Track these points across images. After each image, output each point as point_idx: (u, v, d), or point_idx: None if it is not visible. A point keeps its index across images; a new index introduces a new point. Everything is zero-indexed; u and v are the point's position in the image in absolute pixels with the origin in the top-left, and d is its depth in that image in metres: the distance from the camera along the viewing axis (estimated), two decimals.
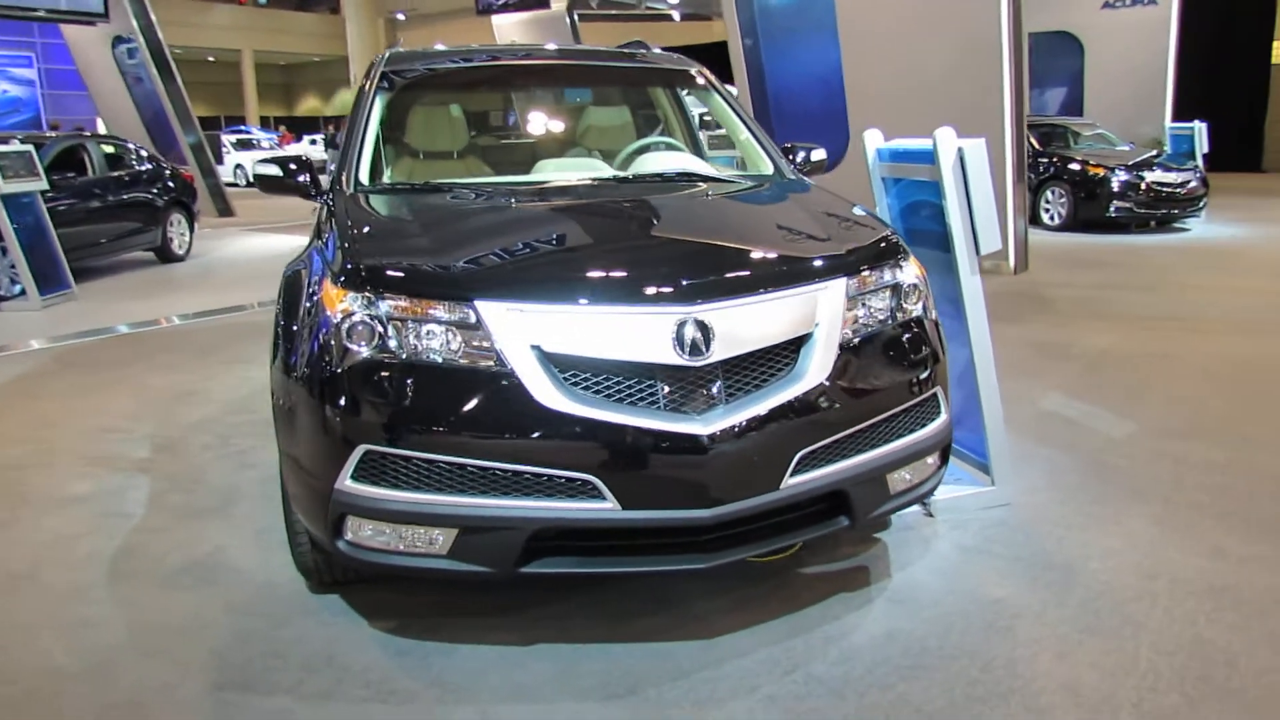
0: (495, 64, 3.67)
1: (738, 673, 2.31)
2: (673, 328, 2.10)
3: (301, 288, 2.46)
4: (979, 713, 2.13)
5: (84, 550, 3.05)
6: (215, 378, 5.20)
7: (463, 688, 2.26)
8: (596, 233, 2.54)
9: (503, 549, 2.11)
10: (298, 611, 2.62)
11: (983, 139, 2.93)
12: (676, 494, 2.08)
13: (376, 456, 2.09)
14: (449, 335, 2.11)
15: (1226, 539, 2.96)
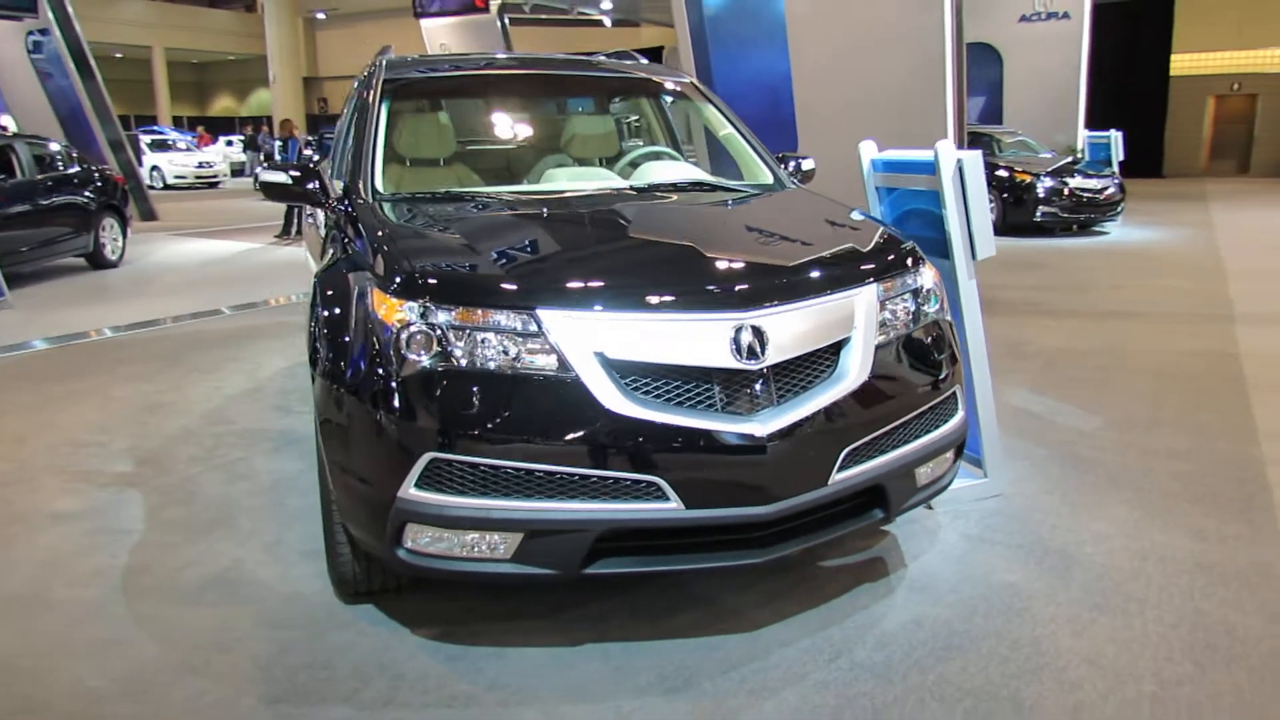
0: (498, 73, 3.69)
1: (785, 662, 2.40)
2: (730, 333, 2.18)
3: (342, 298, 2.45)
4: (1016, 688, 2.27)
5: (89, 568, 2.96)
6: (183, 388, 5.06)
7: (522, 689, 2.29)
8: (641, 241, 2.60)
9: (569, 551, 2.15)
10: (334, 622, 2.61)
11: (979, 151, 3.09)
12: (737, 492, 2.16)
13: (442, 464, 2.11)
14: (510, 343, 2.15)
15: (1204, 521, 3.19)
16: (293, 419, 4.48)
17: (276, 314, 7.29)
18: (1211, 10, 23.36)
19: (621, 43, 28.89)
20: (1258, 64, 23.77)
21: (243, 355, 5.81)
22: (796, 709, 2.21)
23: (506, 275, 2.27)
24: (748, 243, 2.61)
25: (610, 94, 4.03)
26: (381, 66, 3.58)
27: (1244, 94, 24.11)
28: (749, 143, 3.64)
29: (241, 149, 31.31)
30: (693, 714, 2.20)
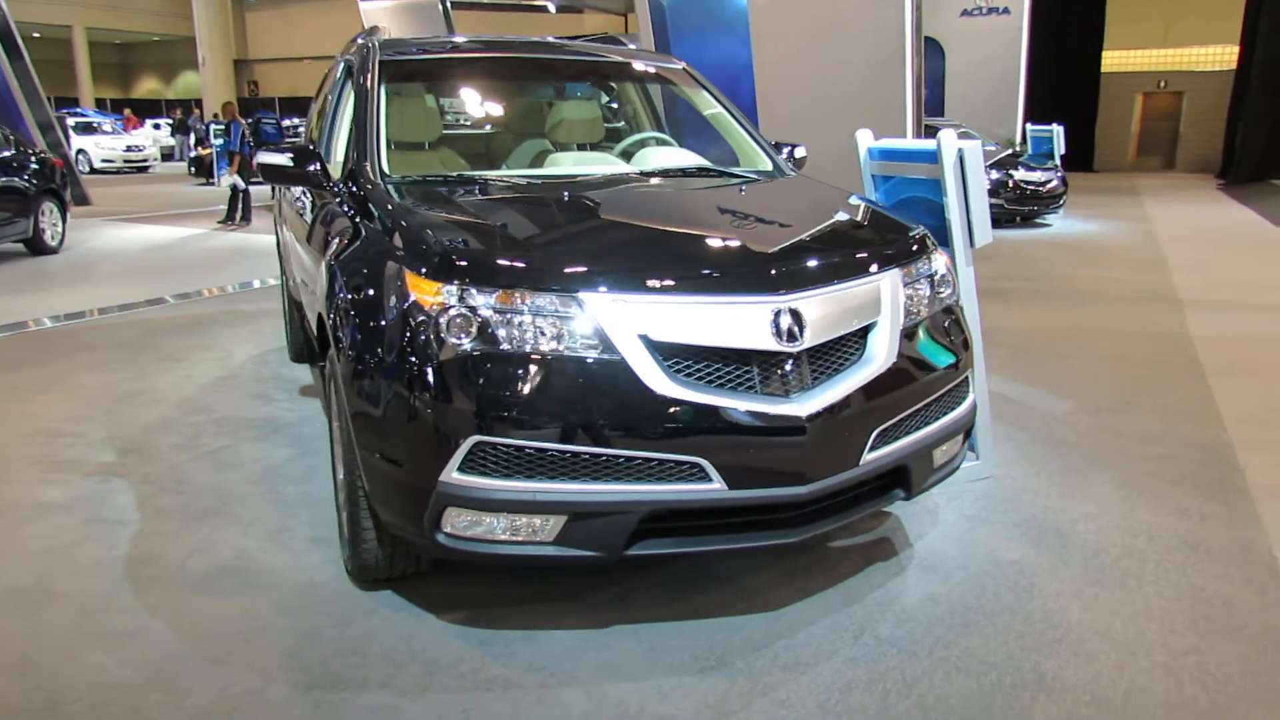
0: (497, 56, 3.65)
1: (811, 640, 2.46)
2: (770, 315, 2.21)
3: (367, 282, 2.41)
4: (1037, 661, 2.36)
5: (88, 559, 2.86)
6: (151, 376, 4.90)
7: (560, 671, 2.30)
8: (672, 225, 2.62)
9: (614, 533, 2.17)
10: (357, 609, 2.58)
11: (979, 141, 3.18)
12: (777, 473, 2.20)
13: (487, 447, 2.11)
14: (553, 325, 2.15)
15: (1184, 500, 3.35)
16: (273, 407, 4.39)
17: (234, 301, 7.10)
18: (1140, 9, 24.23)
19: (565, 29, 28.67)
20: (1184, 62, 24.76)
21: (209, 343, 5.65)
22: (830, 684, 2.26)
23: (547, 258, 2.27)
24: (774, 227, 2.65)
25: (608, 78, 4.02)
26: (376, 47, 3.51)
27: (1170, 91, 25.09)
28: (745, 129, 3.68)
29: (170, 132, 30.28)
30: (730, 691, 2.24)
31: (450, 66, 3.61)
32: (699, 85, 3.87)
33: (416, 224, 2.46)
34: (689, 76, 3.89)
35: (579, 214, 2.70)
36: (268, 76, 37.52)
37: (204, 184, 18.82)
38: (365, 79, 3.32)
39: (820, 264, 2.39)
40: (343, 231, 2.84)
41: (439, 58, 3.60)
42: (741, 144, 3.65)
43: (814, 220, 2.73)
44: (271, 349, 5.51)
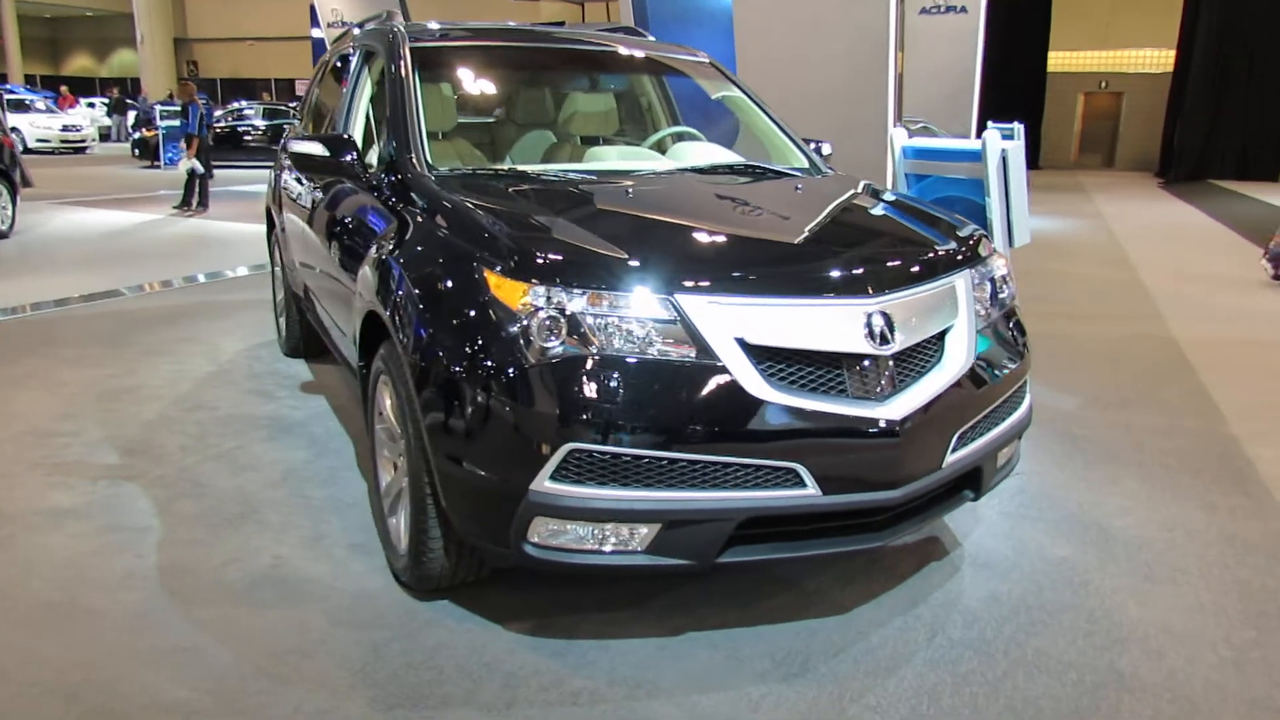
0: (529, 46, 3.54)
1: (886, 642, 2.44)
2: (863, 318, 2.18)
3: (437, 280, 2.31)
4: (1111, 659, 2.39)
5: (118, 570, 2.71)
6: (139, 371, 4.68)
7: (643, 681, 2.25)
8: (748, 224, 2.56)
9: (708, 541, 2.12)
10: (417, 620, 2.48)
11: (1020, 142, 3.20)
12: (869, 477, 2.18)
13: (582, 454, 2.03)
14: (647, 328, 2.08)
15: (1208, 494, 3.43)
16: (277, 404, 4.22)
17: (210, 291, 6.83)
18: (1082, 11, 24.89)
19: (522, 15, 28.30)
20: (1123, 63, 25.53)
21: (192, 335, 5.42)
22: (916, 688, 2.25)
23: (637, 257, 2.19)
24: (847, 227, 2.62)
25: (637, 71, 3.94)
26: (403, 33, 3.37)
27: (1111, 92, 25.86)
28: (778, 125, 3.64)
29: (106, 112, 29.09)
30: (820, 698, 2.21)
31: (482, 56, 3.49)
32: (727, 80, 3.81)
33: (491, 220, 2.36)
34: (716, 71, 3.84)
35: (651, 212, 2.62)
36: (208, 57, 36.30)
37: (149, 167, 18.12)
38: (396, 67, 3.18)
39: (903, 265, 2.36)
40: (390, 226, 2.72)
41: (471, 46, 3.48)
42: (775, 140, 3.61)
43: (881, 220, 2.71)
44: (260, 342, 5.31)
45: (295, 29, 32.11)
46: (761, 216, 2.64)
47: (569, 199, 2.68)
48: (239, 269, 7.75)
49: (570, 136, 3.45)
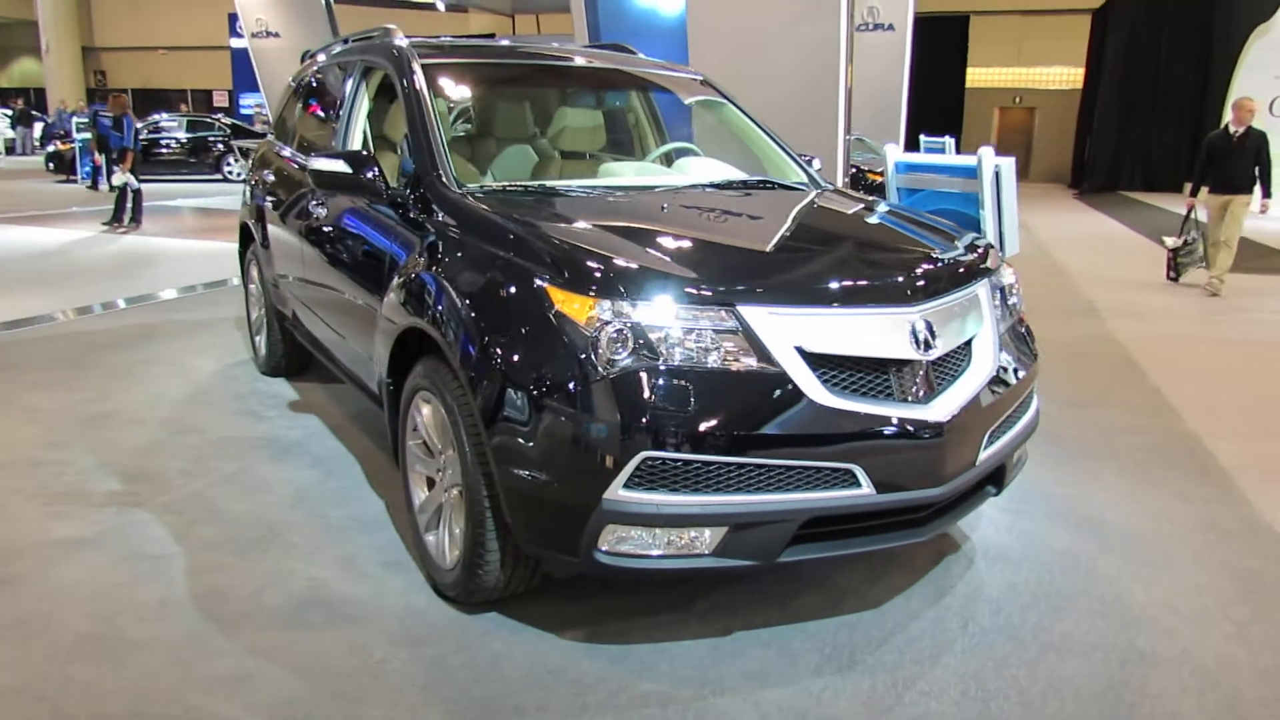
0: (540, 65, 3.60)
1: (924, 633, 2.57)
2: (908, 325, 2.31)
3: (493, 298, 2.35)
4: (1131, 637, 2.56)
5: (150, 599, 2.65)
6: (113, 395, 4.53)
7: (708, 681, 2.32)
8: (788, 237, 2.67)
9: (772, 541, 2.21)
10: (470, 633, 2.51)
11: (1012, 158, 3.40)
12: (918, 475, 2.30)
13: (655, 462, 2.10)
14: (711, 339, 2.17)
15: (1181, 485, 3.69)
16: (269, 425, 4.15)
17: (166, 311, 6.62)
18: (997, 30, 26.03)
19: (451, 28, 28.10)
20: (1035, 81, 26.77)
21: (159, 357, 5.27)
22: (961, 673, 2.38)
23: (698, 270, 2.28)
24: (882, 240, 2.74)
25: (640, 88, 4.02)
26: (411, 49, 3.39)
27: (1024, 107, 27.05)
28: (775, 141, 3.77)
29: (9, 124, 27.77)
30: (875, 686, 2.32)
31: (493, 73, 3.52)
32: (726, 99, 3.94)
33: (547, 237, 2.42)
34: (711, 89, 3.95)
35: (693, 226, 2.71)
36: (117, 67, 34.93)
37: (65, 181, 17.37)
38: (411, 83, 3.20)
39: (937, 275, 2.50)
40: (424, 244, 2.74)
41: (481, 63, 3.51)
42: (772, 156, 3.74)
43: (905, 232, 2.85)
44: (233, 362, 5.20)
45: (211, 38, 31.19)
46: (797, 230, 2.76)
47: (609, 214, 2.75)
48: (197, 287, 7.55)
49: (578, 153, 3.52)
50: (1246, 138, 7.91)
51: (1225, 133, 8.02)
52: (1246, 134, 7.91)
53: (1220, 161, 8.01)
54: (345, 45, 4.27)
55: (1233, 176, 7.96)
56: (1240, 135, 7.92)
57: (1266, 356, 5.93)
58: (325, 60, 4.40)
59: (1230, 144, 7.97)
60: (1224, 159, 8.00)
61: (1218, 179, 8.04)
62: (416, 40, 3.60)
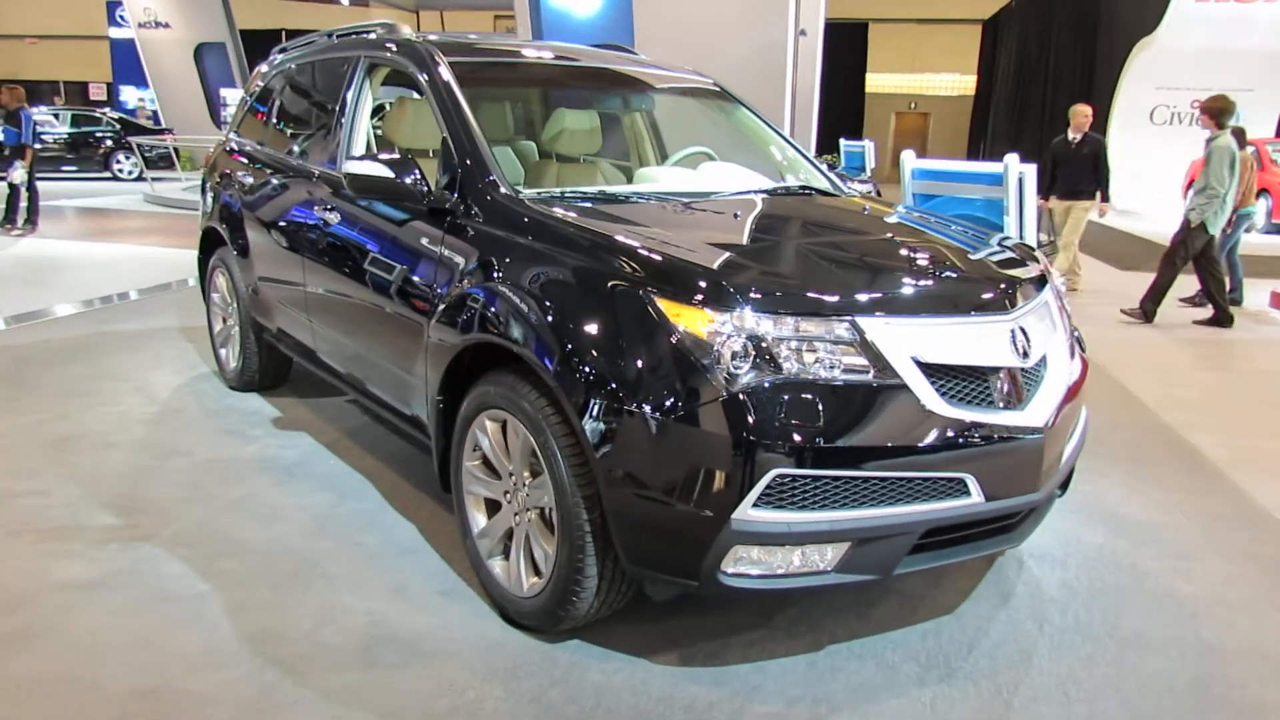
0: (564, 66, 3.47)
1: (1006, 636, 2.60)
2: (1009, 334, 2.33)
3: (591, 312, 2.23)
4: (1196, 631, 2.65)
5: (195, 646, 2.41)
6: (72, 415, 4.15)
7: (819, 699, 2.27)
8: (884, 245, 2.64)
9: (892, 554, 2.18)
10: (558, 663, 2.38)
11: (1032, 165, 3.49)
12: (1020, 481, 2.32)
13: (785, 479, 2.04)
14: (831, 351, 2.12)
15: (1179, 479, 3.86)
16: (260, 445, 3.88)
17: (100, 321, 6.12)
18: (892, 39, 27.05)
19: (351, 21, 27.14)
20: (929, 87, 27.94)
21: (109, 372, 4.85)
22: (1056, 674, 2.41)
23: (816, 282, 2.23)
24: (964, 247, 2.73)
25: (657, 92, 3.92)
26: (434, 46, 3.22)
27: (919, 112, 28.22)
28: (794, 146, 3.76)
29: None
30: (981, 693, 2.32)
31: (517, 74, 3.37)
32: (738, 103, 3.90)
33: (652, 248, 2.31)
34: (726, 94, 3.91)
35: (782, 234, 2.66)
36: None
37: None
38: (440, 84, 3.03)
39: (1020, 282, 2.53)
40: (486, 255, 2.59)
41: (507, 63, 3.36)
42: (794, 160, 3.72)
43: (974, 241, 2.86)
44: (194, 376, 4.84)
45: (87, 27, 29.23)
46: (881, 238, 2.73)
47: (690, 223, 2.67)
48: (130, 293, 7.02)
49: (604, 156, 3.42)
50: (1084, 144, 8.02)
51: (1065, 140, 8.11)
52: (1084, 140, 8.01)
53: (1062, 167, 8.20)
54: (331, 40, 4.03)
55: (1073, 182, 8.18)
56: (1078, 142, 8.02)
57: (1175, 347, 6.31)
58: (307, 56, 4.14)
59: (1070, 150, 8.08)
60: (1065, 165, 8.17)
61: (1060, 184, 8.24)
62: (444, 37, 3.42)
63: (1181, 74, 15.76)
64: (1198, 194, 6.62)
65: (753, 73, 8.36)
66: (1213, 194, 6.56)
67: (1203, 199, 6.60)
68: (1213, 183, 6.51)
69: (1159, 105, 16.62)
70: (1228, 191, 6.55)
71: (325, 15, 26.93)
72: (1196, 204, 6.65)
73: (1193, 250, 6.77)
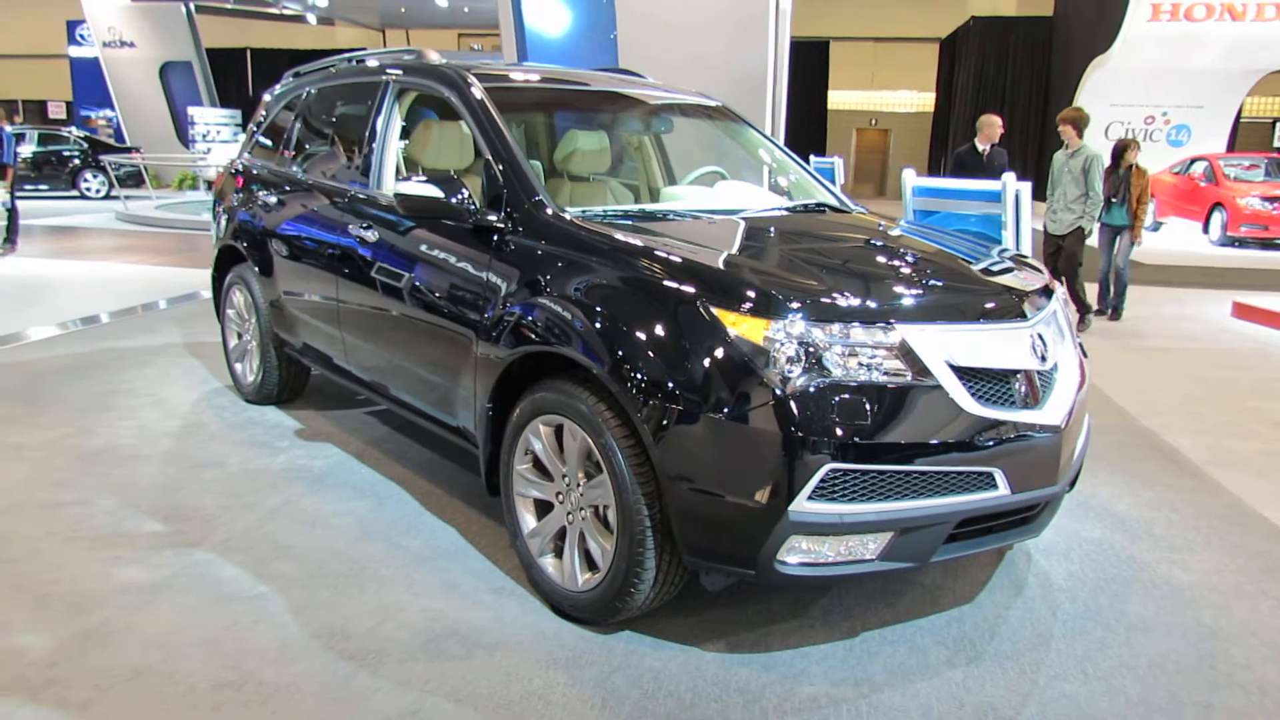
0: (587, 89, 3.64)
1: (1025, 624, 2.79)
2: (1029, 339, 2.54)
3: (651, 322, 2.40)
4: (1195, 616, 2.87)
5: (268, 641, 2.52)
6: (97, 430, 4.20)
7: (861, 680, 2.45)
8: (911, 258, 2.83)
9: (930, 543, 2.36)
10: (615, 652, 2.53)
11: (1029, 182, 3.73)
12: (1042, 475, 2.52)
13: (838, 474, 2.22)
14: (876, 355, 2.31)
15: (1164, 477, 4.11)
16: (288, 456, 3.97)
17: (104, 338, 6.13)
18: (852, 56, 27.66)
19: (318, 40, 27.14)
20: (889, 104, 28.58)
21: (123, 387, 4.90)
22: (1076, 656, 2.61)
23: (860, 291, 2.42)
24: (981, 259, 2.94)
25: (673, 115, 4.11)
26: (467, 72, 3.37)
27: (880, 129, 28.82)
28: (799, 164, 3.97)
29: None
30: (1009, 672, 2.51)
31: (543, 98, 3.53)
32: (744, 123, 4.10)
33: (705, 262, 2.49)
34: (732, 114, 4.11)
35: (818, 248, 2.85)
36: None
37: None
38: (479, 108, 3.19)
39: (1035, 291, 2.75)
40: (537, 271, 2.74)
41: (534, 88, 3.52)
42: (803, 180, 3.93)
43: (987, 253, 3.07)
44: (209, 390, 4.91)
45: (45, 46, 28.82)
46: (906, 252, 2.92)
47: (733, 239, 2.86)
48: (138, 309, 7.04)
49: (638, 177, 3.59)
50: (991, 155, 7.81)
51: (974, 150, 7.95)
52: (991, 152, 7.82)
53: (969, 177, 8.00)
54: (356, 65, 4.16)
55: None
56: (986, 153, 7.83)
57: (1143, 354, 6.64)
58: (330, 80, 4.27)
59: (979, 161, 7.84)
60: (972, 175, 7.93)
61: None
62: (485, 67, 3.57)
63: (1135, 91, 16.37)
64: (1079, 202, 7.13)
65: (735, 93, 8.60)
66: (1097, 200, 7.11)
67: (1091, 206, 7.11)
68: (1097, 190, 7.07)
69: (1113, 122, 17.22)
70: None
71: (291, 34, 26.90)
72: (1087, 211, 7.13)
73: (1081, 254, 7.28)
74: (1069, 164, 7.19)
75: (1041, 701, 2.40)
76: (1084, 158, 7.10)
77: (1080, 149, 7.13)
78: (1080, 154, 7.13)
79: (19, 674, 2.33)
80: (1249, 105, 21.63)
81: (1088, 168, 7.05)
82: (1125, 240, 7.86)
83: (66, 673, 2.34)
